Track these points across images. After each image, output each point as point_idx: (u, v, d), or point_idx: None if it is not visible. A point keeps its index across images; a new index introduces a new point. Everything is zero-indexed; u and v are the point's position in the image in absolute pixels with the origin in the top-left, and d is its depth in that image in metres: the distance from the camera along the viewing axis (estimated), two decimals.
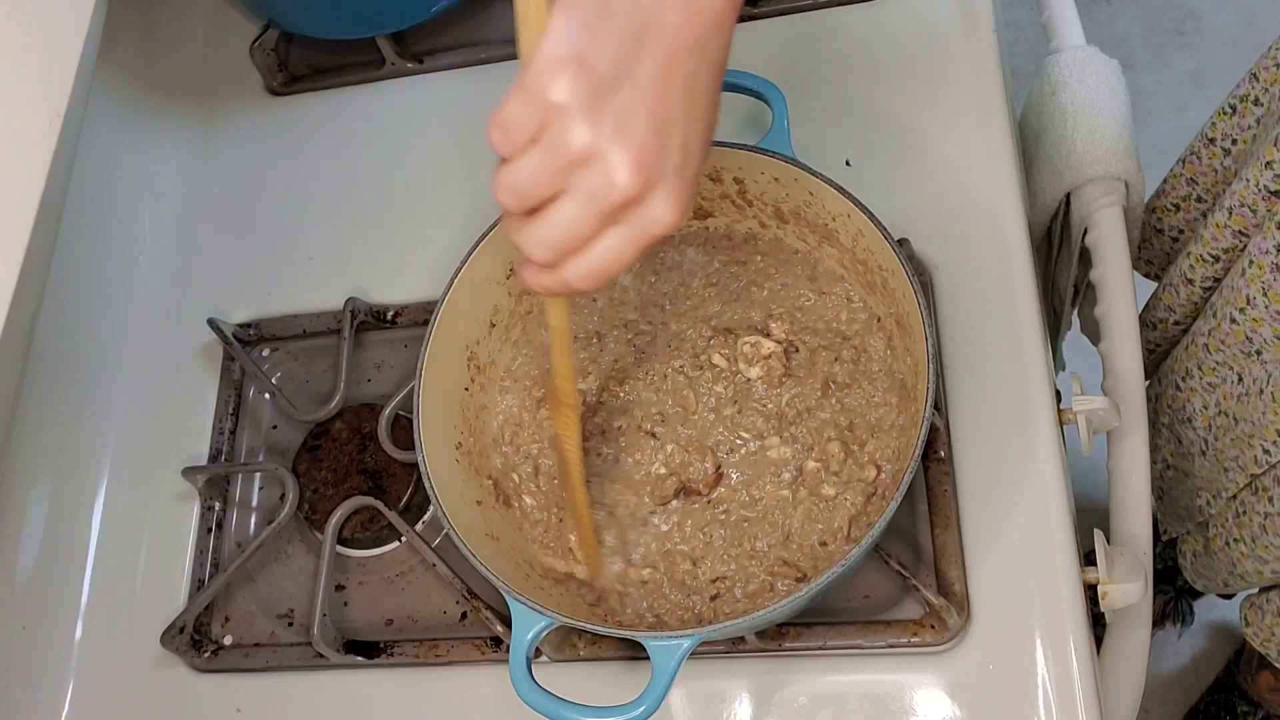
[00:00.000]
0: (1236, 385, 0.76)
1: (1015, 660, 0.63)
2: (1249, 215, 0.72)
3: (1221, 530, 0.85)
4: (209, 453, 0.79)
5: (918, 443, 0.57)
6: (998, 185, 0.74)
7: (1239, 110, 0.79)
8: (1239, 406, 0.76)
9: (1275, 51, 0.76)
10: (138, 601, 0.76)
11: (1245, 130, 0.79)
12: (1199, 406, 0.82)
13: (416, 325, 0.79)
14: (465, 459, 0.67)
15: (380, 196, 0.85)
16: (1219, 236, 0.75)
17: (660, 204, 0.45)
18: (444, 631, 0.71)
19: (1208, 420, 0.81)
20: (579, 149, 0.43)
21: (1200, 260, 0.78)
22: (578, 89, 0.43)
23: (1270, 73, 0.76)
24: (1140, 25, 1.79)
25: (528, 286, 0.49)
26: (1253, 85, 0.78)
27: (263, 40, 0.88)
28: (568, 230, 0.46)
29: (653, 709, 0.54)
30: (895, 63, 0.79)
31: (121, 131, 0.89)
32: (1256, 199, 0.70)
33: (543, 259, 0.47)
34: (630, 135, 0.44)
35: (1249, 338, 0.73)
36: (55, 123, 0.60)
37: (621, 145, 0.43)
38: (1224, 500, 0.82)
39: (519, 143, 0.44)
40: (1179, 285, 0.81)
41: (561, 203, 0.45)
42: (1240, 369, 0.76)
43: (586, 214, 0.45)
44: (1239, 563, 0.84)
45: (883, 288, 0.65)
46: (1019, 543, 0.65)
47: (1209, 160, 0.83)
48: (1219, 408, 0.79)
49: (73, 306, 0.82)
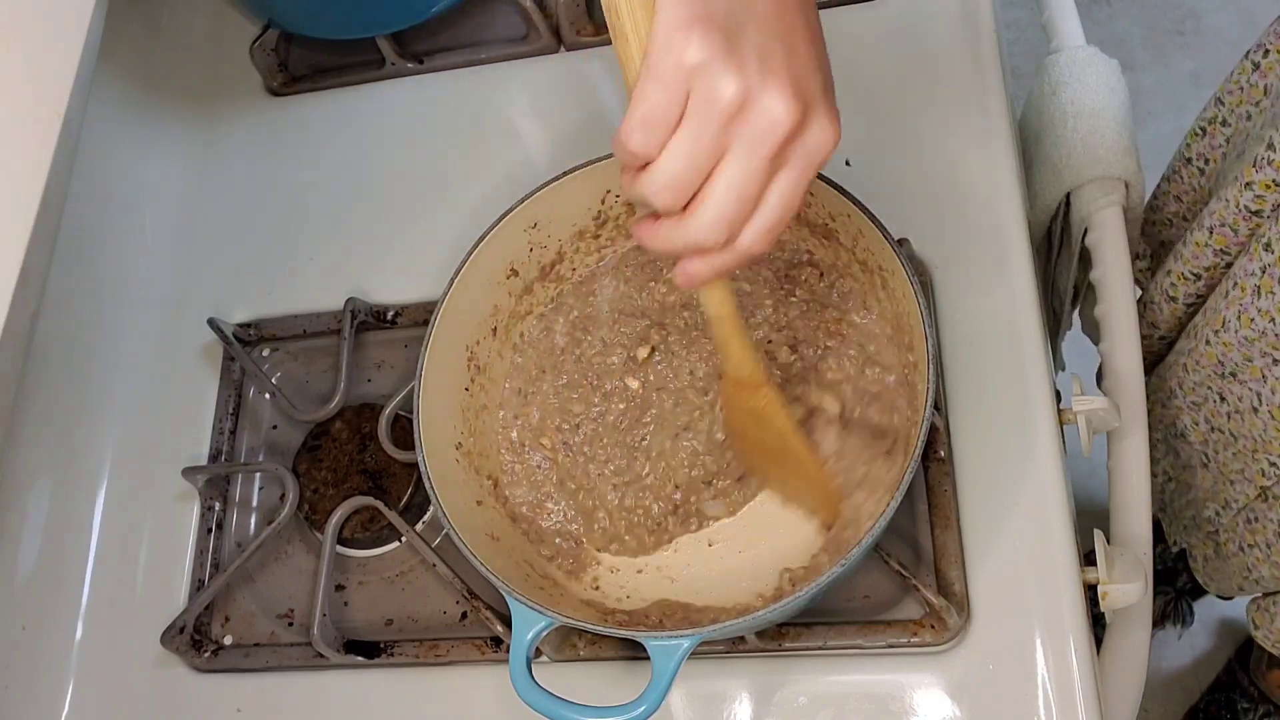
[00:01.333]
0: (1220, 404, 0.77)
1: (1015, 660, 0.63)
2: (1230, 235, 0.73)
3: (1233, 537, 0.85)
4: (209, 453, 0.79)
5: (918, 443, 0.57)
6: (998, 185, 0.74)
7: (1208, 132, 0.80)
8: (1233, 424, 0.77)
9: (1238, 76, 0.77)
10: (138, 601, 0.76)
11: (1215, 149, 0.80)
12: (1189, 423, 0.82)
13: (416, 325, 0.79)
14: (465, 459, 0.67)
15: (380, 196, 0.85)
16: (1199, 255, 0.75)
17: (820, 127, 0.44)
18: (444, 631, 0.71)
19: (1202, 436, 0.81)
20: (733, 98, 0.42)
21: (1182, 278, 0.78)
22: (710, 41, 0.42)
23: (1234, 95, 0.77)
24: (1140, 25, 1.79)
25: (692, 283, 0.47)
26: (1219, 108, 0.79)
27: (263, 40, 0.88)
28: (740, 193, 0.44)
29: (653, 709, 0.54)
30: (895, 63, 0.79)
31: (121, 132, 0.89)
32: (1237, 219, 0.71)
33: (719, 239, 0.45)
34: (775, 68, 0.43)
35: (1221, 360, 0.74)
36: (55, 123, 0.60)
37: (772, 80, 0.42)
38: (1234, 510, 0.82)
39: (665, 131, 0.43)
40: (1161, 303, 0.82)
41: (725, 168, 0.44)
42: (1219, 389, 0.76)
43: (755, 166, 0.44)
44: (1254, 568, 0.84)
45: (883, 288, 0.65)
46: (1019, 543, 0.65)
47: (1189, 179, 0.84)
48: (1210, 424, 0.80)
49: (73, 306, 0.82)
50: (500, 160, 0.83)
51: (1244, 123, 0.77)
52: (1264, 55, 0.74)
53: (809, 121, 0.44)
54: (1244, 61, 0.76)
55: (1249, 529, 0.82)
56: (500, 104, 0.86)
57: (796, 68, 0.43)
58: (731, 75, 0.42)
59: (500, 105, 0.86)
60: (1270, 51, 0.73)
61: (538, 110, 0.85)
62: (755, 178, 0.44)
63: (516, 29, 0.86)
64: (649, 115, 0.43)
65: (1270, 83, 0.74)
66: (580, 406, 0.70)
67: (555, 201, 0.68)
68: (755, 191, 0.44)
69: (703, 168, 0.44)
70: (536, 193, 0.67)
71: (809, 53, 0.45)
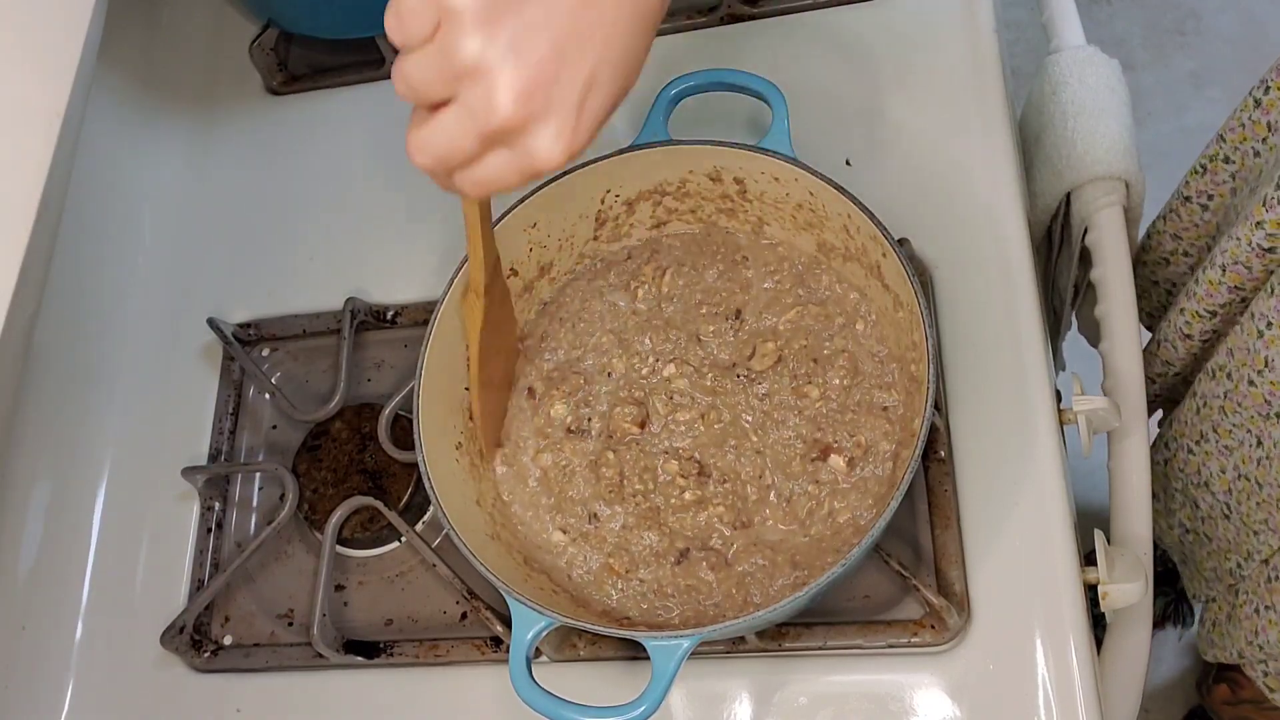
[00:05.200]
0: (1256, 449, 0.76)
1: (1015, 660, 0.63)
2: (1244, 272, 0.73)
3: (1252, 597, 0.84)
4: (209, 452, 0.79)
5: (918, 443, 0.57)
6: (998, 185, 0.74)
7: (1210, 169, 0.81)
8: (1260, 471, 0.76)
9: (1240, 113, 0.77)
10: (138, 601, 0.76)
11: (1219, 185, 0.81)
12: (1216, 470, 0.82)
13: (416, 325, 0.79)
14: (465, 459, 0.67)
15: (380, 196, 0.85)
16: (1214, 293, 0.76)
17: (546, 137, 0.42)
18: (444, 631, 0.71)
19: (1227, 484, 0.81)
20: (466, 61, 0.41)
21: (1196, 316, 0.79)
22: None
23: (1236, 133, 0.78)
24: (1140, 25, 1.79)
25: (414, 163, 0.46)
26: (1220, 145, 0.79)
27: (262, 40, 0.88)
28: (449, 144, 0.43)
29: (653, 709, 0.54)
30: (895, 63, 0.79)
31: (121, 131, 0.89)
32: (1251, 257, 0.72)
33: (422, 164, 0.45)
34: (524, 57, 0.41)
35: (1268, 400, 0.73)
36: (55, 123, 0.60)
37: (512, 66, 0.41)
38: (1257, 562, 0.82)
39: (414, 37, 0.42)
40: (1176, 341, 0.82)
41: (445, 113, 0.43)
42: (1259, 432, 0.76)
43: (466, 131, 0.42)
44: (1262, 631, 0.83)
45: (883, 288, 0.65)
46: (1019, 543, 0.65)
47: (1189, 217, 0.85)
48: (1238, 471, 0.79)
49: (73, 306, 0.82)
50: None
51: (1252, 159, 0.77)
52: (1265, 92, 0.74)
53: (533, 127, 0.42)
54: (1246, 98, 0.76)
55: (1269, 587, 0.81)
56: None
57: (550, 71, 0.41)
58: (476, 39, 0.40)
59: None
60: (1272, 88, 0.73)
61: None
62: (465, 140, 0.43)
63: None
64: (401, 11, 0.42)
65: (1274, 119, 0.74)
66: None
67: (555, 201, 0.68)
68: (465, 150, 0.43)
69: (432, 92, 0.43)
70: (536, 192, 0.67)
71: (583, 65, 0.42)
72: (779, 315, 0.69)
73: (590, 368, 0.70)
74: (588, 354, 0.70)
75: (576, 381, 0.69)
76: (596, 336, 0.71)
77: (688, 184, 0.69)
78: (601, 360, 0.70)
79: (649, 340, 0.70)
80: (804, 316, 0.68)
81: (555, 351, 0.71)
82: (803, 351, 0.67)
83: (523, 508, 0.68)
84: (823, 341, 0.67)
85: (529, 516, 0.67)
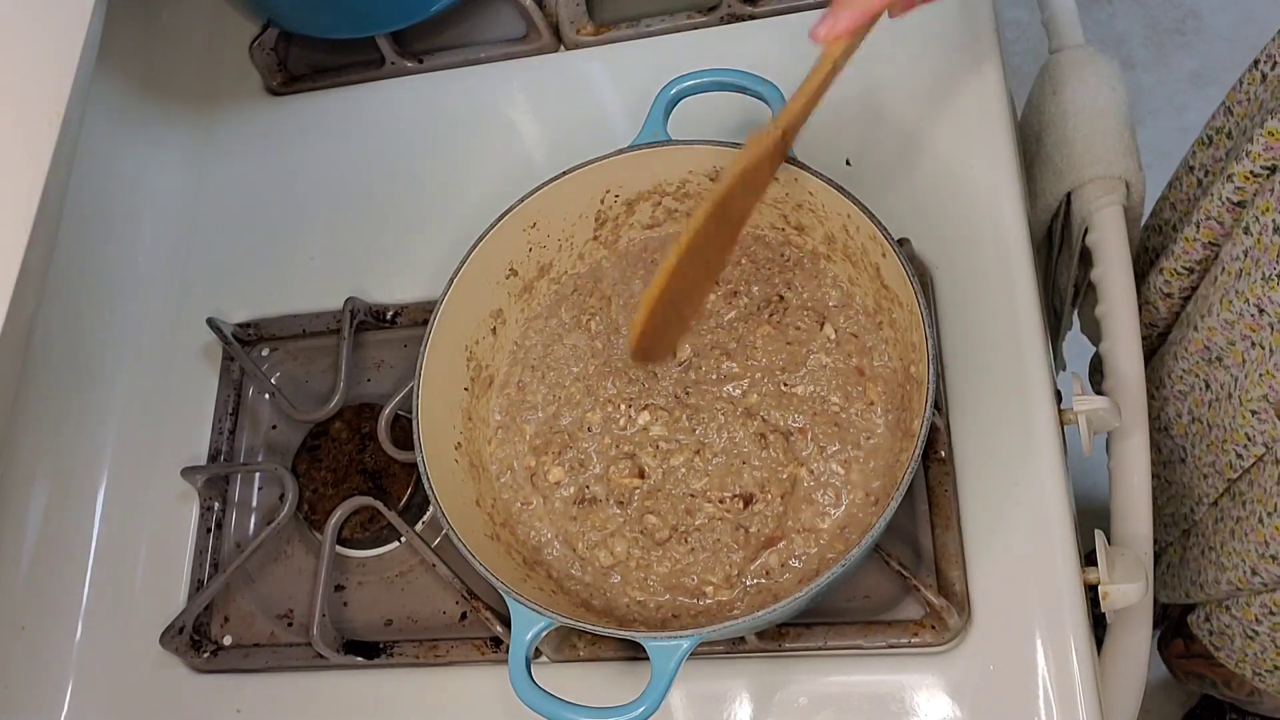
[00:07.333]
0: (1205, 392, 0.77)
1: (1016, 660, 0.63)
2: (1216, 227, 0.73)
3: (1199, 540, 0.85)
4: (208, 453, 0.79)
5: (918, 442, 0.57)
6: (998, 185, 0.74)
7: (1214, 142, 0.80)
8: (1210, 413, 0.77)
9: (1247, 86, 0.77)
10: (137, 602, 0.76)
11: (1217, 161, 0.80)
12: (1173, 415, 0.82)
13: (416, 325, 0.79)
14: (465, 459, 0.67)
15: (380, 196, 0.85)
16: (1190, 250, 0.76)
17: None
18: (444, 632, 0.71)
19: (1183, 428, 0.81)
20: None
21: (1174, 274, 0.79)
22: None
23: (1243, 106, 0.77)
24: (1140, 25, 1.79)
25: (833, 33, 0.56)
26: (1227, 119, 0.79)
27: (262, 40, 0.88)
28: None
29: (653, 709, 0.54)
30: (895, 63, 0.79)
31: (121, 131, 0.89)
32: (1222, 211, 0.71)
33: None
34: None
35: (1207, 345, 0.74)
36: (55, 123, 0.60)
37: None
38: (1206, 507, 0.82)
39: None
40: (1157, 301, 0.82)
41: None
42: (1205, 376, 0.76)
43: None
44: (1203, 570, 0.84)
45: (883, 287, 0.65)
46: (1019, 543, 0.65)
47: (1187, 188, 0.85)
48: (1192, 415, 0.80)
49: (73, 306, 0.82)
50: (500, 160, 0.83)
51: (1243, 135, 0.77)
52: (1272, 67, 0.74)
53: None
54: (1253, 71, 0.76)
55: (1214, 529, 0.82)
56: (500, 103, 0.86)
57: None
58: None
59: (500, 105, 0.86)
60: (1279, 64, 0.73)
61: (537, 110, 0.85)
62: None
63: (516, 28, 0.86)
64: None
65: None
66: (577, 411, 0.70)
67: (554, 201, 0.68)
68: None
69: None
70: (536, 192, 0.67)
71: None
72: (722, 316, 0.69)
73: (570, 425, 0.69)
74: (562, 410, 0.69)
75: (563, 440, 0.68)
76: (567, 388, 0.70)
77: (688, 184, 0.69)
78: (576, 414, 0.69)
79: (612, 385, 0.69)
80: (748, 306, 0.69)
81: (535, 410, 0.70)
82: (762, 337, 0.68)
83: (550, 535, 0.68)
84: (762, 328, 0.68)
85: (540, 525, 0.68)
